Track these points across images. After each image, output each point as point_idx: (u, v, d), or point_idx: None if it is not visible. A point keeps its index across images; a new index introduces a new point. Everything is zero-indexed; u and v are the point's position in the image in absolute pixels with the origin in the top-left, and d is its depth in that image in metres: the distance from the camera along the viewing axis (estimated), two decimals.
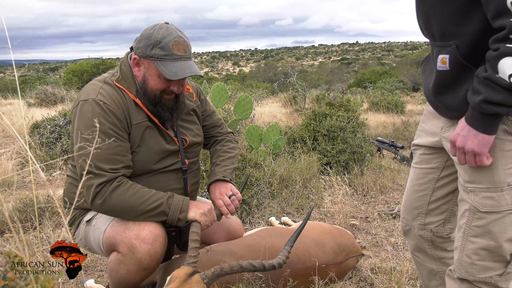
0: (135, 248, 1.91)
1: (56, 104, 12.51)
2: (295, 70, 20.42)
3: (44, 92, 13.19)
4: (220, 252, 2.28)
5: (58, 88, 14.23)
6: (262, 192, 4.00)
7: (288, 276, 2.24)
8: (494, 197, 1.47)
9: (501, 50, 1.25)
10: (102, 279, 2.84)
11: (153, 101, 2.03)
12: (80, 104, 1.96)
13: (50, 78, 31.84)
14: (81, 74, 21.15)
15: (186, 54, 1.98)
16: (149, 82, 2.00)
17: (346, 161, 5.02)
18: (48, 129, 6.46)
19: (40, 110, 10.37)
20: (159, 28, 1.96)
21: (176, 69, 1.93)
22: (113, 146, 1.92)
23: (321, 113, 5.70)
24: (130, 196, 1.90)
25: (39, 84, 16.21)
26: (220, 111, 6.16)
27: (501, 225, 1.48)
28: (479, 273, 1.55)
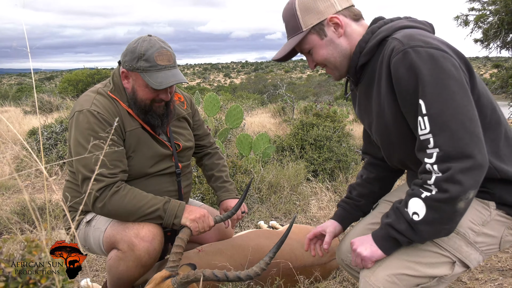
0: (135, 245, 1.95)
1: (52, 112, 12.45)
2: (284, 82, 20.56)
3: (40, 100, 13.13)
4: (211, 252, 2.33)
5: (54, 97, 14.16)
6: (252, 197, 4.06)
7: (275, 275, 2.30)
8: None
9: (414, 191, 1.40)
10: (97, 278, 2.87)
11: (143, 110, 2.08)
12: (76, 115, 2.02)
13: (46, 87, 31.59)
14: (76, 83, 21.03)
15: (170, 64, 2.03)
16: (138, 93, 2.06)
17: (331, 169, 5.10)
18: (44, 136, 6.46)
19: (36, 117, 10.32)
20: (142, 41, 2.01)
21: (161, 78, 1.98)
22: (110, 153, 1.97)
23: (309, 123, 5.79)
24: (128, 201, 1.96)
25: (36, 93, 16.10)
26: (212, 120, 6.21)
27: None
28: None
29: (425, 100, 1.33)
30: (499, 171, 1.44)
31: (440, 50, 1.35)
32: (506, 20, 7.23)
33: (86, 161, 1.94)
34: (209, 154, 2.61)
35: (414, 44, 1.36)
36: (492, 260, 3.05)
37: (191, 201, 2.63)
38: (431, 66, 1.32)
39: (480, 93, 1.45)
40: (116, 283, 2.10)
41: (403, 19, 1.57)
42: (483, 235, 1.51)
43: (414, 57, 1.34)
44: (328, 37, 1.58)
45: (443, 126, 1.30)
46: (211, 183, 2.57)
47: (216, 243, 2.44)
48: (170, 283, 1.77)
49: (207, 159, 2.60)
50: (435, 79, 1.31)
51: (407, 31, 1.44)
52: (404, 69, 1.36)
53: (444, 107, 1.30)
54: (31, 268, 0.67)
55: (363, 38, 1.56)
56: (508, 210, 1.50)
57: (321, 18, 1.55)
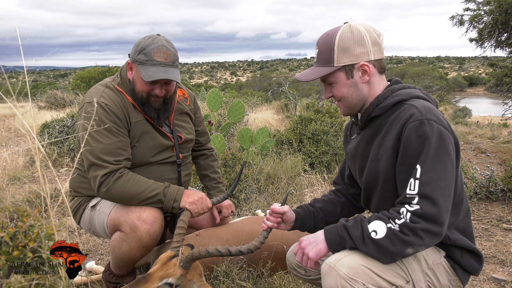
0: (137, 227, 2.02)
1: (64, 107, 12.57)
2: (287, 80, 20.53)
3: (54, 96, 13.25)
4: (208, 236, 2.38)
5: (67, 93, 14.28)
6: (250, 187, 4.11)
7: (266, 259, 2.34)
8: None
9: (383, 217, 1.53)
10: (102, 261, 2.94)
11: (140, 101, 2.15)
12: (85, 106, 2.10)
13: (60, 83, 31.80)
14: (88, 80, 21.20)
15: (166, 61, 2.06)
16: (136, 84, 2.13)
17: (328, 162, 5.14)
18: (56, 129, 6.54)
19: (50, 112, 10.43)
20: (148, 38, 2.09)
21: (152, 72, 2.03)
22: (115, 141, 2.05)
23: (307, 118, 5.82)
24: (130, 186, 2.03)
25: (50, 89, 16.25)
26: (215, 115, 6.27)
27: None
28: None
29: (423, 167, 1.46)
30: (451, 239, 1.61)
31: (447, 130, 1.49)
32: (500, 20, 7.20)
33: (93, 148, 2.01)
34: (205, 155, 2.69)
35: (430, 118, 1.49)
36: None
37: (190, 189, 2.68)
38: (438, 142, 1.46)
39: (459, 173, 1.61)
40: (119, 263, 2.17)
41: (417, 89, 1.69)
42: (432, 272, 1.62)
43: (427, 128, 1.47)
44: (354, 80, 1.66)
45: (429, 194, 1.44)
46: (205, 182, 2.67)
47: (213, 228, 2.49)
48: (176, 261, 1.83)
49: (203, 159, 2.68)
50: (437, 154, 1.46)
51: (424, 103, 1.57)
52: (416, 135, 1.49)
53: (435, 179, 1.45)
54: (21, 234, 0.73)
55: (382, 94, 1.67)
56: (453, 264, 1.65)
57: (354, 61, 1.63)
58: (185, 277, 1.84)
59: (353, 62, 1.63)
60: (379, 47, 1.65)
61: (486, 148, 7.88)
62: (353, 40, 1.62)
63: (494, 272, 2.71)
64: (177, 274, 1.81)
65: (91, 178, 2.05)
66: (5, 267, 0.70)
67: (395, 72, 50.05)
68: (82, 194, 2.30)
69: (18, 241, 0.72)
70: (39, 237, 0.73)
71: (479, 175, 4.37)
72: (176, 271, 1.81)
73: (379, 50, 1.65)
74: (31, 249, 0.72)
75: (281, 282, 2.23)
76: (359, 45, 1.62)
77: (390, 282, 1.54)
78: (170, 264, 1.83)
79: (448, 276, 1.64)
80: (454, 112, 21.95)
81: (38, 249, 0.73)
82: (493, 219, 3.71)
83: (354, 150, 1.84)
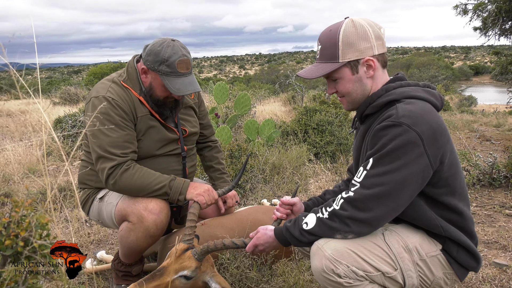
0: (144, 217, 2.03)
1: (78, 102, 12.66)
2: (295, 73, 20.44)
3: (68, 92, 13.35)
4: (213, 225, 2.38)
5: (80, 89, 14.38)
6: (256, 177, 4.10)
7: None
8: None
9: (317, 208, 1.62)
10: (112, 251, 2.96)
11: (157, 103, 2.18)
12: (92, 100, 2.10)
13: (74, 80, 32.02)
14: (101, 76, 21.30)
15: (188, 71, 2.10)
16: (156, 90, 2.14)
17: (333, 152, 5.11)
18: (69, 124, 6.59)
19: (64, 108, 10.52)
20: (166, 47, 2.05)
21: (180, 85, 2.06)
22: (122, 135, 2.06)
23: (312, 109, 5.78)
24: (137, 178, 2.03)
25: (64, 85, 16.38)
26: (222, 108, 6.25)
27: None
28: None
29: (374, 161, 1.48)
30: (444, 230, 1.59)
31: (419, 137, 1.43)
32: (504, 8, 7.04)
33: (101, 141, 2.02)
34: (209, 146, 2.69)
35: (403, 121, 1.44)
36: (479, 234, 3.05)
37: (195, 179, 2.69)
38: (397, 143, 1.43)
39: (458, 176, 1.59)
40: (127, 253, 2.18)
41: (419, 89, 1.63)
42: (424, 263, 1.60)
43: (393, 130, 1.45)
44: (359, 75, 1.63)
45: (369, 186, 1.47)
46: (209, 172, 2.67)
47: (218, 218, 2.49)
48: (191, 254, 1.84)
49: (207, 151, 2.68)
50: (390, 154, 1.45)
51: (412, 107, 1.50)
52: (379, 133, 1.49)
53: (381, 175, 1.45)
54: (14, 223, 0.73)
55: (377, 92, 1.64)
56: (449, 258, 1.62)
57: (359, 56, 1.59)
58: (199, 269, 1.85)
59: (358, 58, 1.59)
60: (381, 41, 1.62)
61: (491, 135, 7.78)
62: (357, 35, 1.57)
63: (496, 257, 2.68)
64: (192, 266, 1.82)
65: (99, 170, 2.06)
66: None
67: (401, 62, 49.50)
68: (90, 186, 2.31)
69: (11, 231, 0.72)
70: (30, 226, 0.73)
71: (482, 162, 4.31)
72: (191, 264, 1.82)
73: (382, 44, 1.62)
74: (23, 238, 0.72)
75: (284, 269, 2.22)
76: (364, 40, 1.58)
77: (376, 268, 1.53)
78: (185, 257, 1.83)
79: (444, 269, 1.62)
80: (460, 101, 21.69)
81: (30, 238, 0.73)
82: (496, 205, 3.66)
83: (355, 144, 1.84)
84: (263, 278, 2.25)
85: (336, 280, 1.50)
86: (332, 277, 1.51)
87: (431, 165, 1.46)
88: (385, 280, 1.55)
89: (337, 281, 1.50)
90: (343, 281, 1.50)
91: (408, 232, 1.64)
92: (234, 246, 1.83)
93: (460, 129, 8.63)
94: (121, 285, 2.31)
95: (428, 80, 28.13)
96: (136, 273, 2.32)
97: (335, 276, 1.50)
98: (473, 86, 52.43)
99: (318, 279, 1.58)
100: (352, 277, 1.50)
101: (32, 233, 0.73)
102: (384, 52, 1.65)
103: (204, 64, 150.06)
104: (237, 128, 6.74)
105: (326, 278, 1.52)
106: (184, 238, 1.92)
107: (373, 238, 1.58)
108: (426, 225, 1.60)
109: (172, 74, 2.05)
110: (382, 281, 1.55)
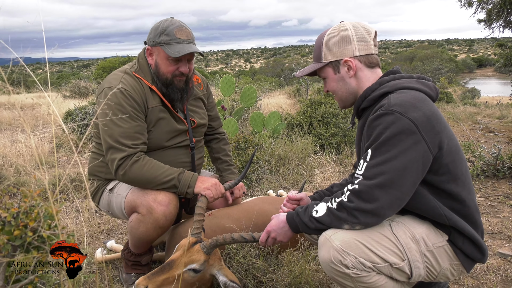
0: (153, 209, 2.02)
1: (87, 96, 12.68)
2: (299, 66, 20.33)
3: (77, 86, 13.37)
4: (220, 216, 2.37)
5: (90, 82, 14.40)
6: (262, 169, 4.09)
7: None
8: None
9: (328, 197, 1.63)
10: (121, 240, 2.96)
11: (165, 83, 2.14)
12: (105, 91, 2.08)
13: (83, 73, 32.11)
14: (110, 70, 21.31)
15: (188, 39, 2.08)
16: (161, 67, 2.11)
17: (337, 143, 5.07)
18: (79, 117, 6.60)
19: (74, 101, 10.54)
20: (164, 21, 2.09)
21: (179, 49, 2.04)
22: (133, 125, 2.04)
23: (317, 101, 5.74)
24: (147, 170, 2.02)
25: (73, 79, 16.41)
26: (228, 100, 6.22)
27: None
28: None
29: (373, 152, 1.48)
30: (448, 219, 1.57)
31: (413, 123, 1.43)
32: (509, 0, 6.91)
33: (112, 131, 2.00)
34: (217, 138, 2.67)
35: (395, 110, 1.45)
36: (483, 224, 3.01)
37: (203, 171, 2.68)
38: (392, 131, 1.44)
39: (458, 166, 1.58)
40: (137, 243, 2.18)
41: (413, 80, 1.64)
42: (431, 254, 1.58)
43: (386, 118, 1.46)
44: (340, 74, 1.71)
45: (371, 176, 1.46)
46: (217, 164, 2.64)
47: (224, 208, 2.48)
48: (199, 248, 1.82)
49: (215, 143, 2.66)
50: (387, 142, 1.45)
51: (404, 97, 1.51)
52: (374, 123, 1.50)
53: (381, 164, 1.45)
54: (23, 214, 0.71)
55: (371, 87, 1.66)
56: (455, 249, 1.60)
57: (339, 57, 1.68)
58: (208, 262, 1.84)
59: (338, 58, 1.68)
60: (365, 43, 1.66)
61: (495, 127, 7.69)
62: (338, 37, 1.66)
63: (501, 248, 2.65)
64: (201, 260, 1.81)
65: (108, 160, 2.04)
66: (7, 247, 0.69)
67: (405, 55, 49.07)
68: (100, 178, 2.30)
69: (20, 221, 0.71)
70: (39, 216, 0.72)
71: (486, 154, 4.26)
72: (200, 257, 1.81)
73: (365, 46, 1.66)
74: (32, 228, 0.71)
75: (290, 259, 2.21)
76: (344, 42, 1.66)
77: (384, 259, 1.51)
78: (194, 250, 1.82)
79: (450, 260, 1.61)
80: (463, 93, 21.46)
81: (39, 228, 0.71)
82: (500, 196, 3.62)
83: (355, 139, 1.86)
84: (270, 267, 2.24)
85: (344, 271, 1.49)
86: (340, 268, 1.49)
87: (430, 151, 1.46)
88: (392, 271, 1.53)
89: (344, 272, 1.49)
90: (350, 272, 1.48)
91: (415, 223, 1.61)
92: (242, 240, 1.81)
93: (463, 121, 8.54)
94: (131, 274, 2.31)
95: (431, 72, 27.84)
96: (145, 263, 2.32)
97: (343, 267, 1.49)
98: (476, 78, 51.90)
99: (326, 270, 1.56)
100: (359, 268, 1.49)
101: (41, 223, 0.72)
102: (370, 54, 1.68)
103: (210, 58, 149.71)
104: (243, 120, 6.71)
105: (333, 269, 1.51)
106: (192, 232, 1.91)
107: (381, 229, 1.56)
108: (430, 215, 1.58)
109: (172, 42, 2.05)
110: (389, 272, 1.53)
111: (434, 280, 1.64)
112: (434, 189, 1.56)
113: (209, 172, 2.73)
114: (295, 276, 2.11)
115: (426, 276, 1.60)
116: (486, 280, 2.28)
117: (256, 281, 2.15)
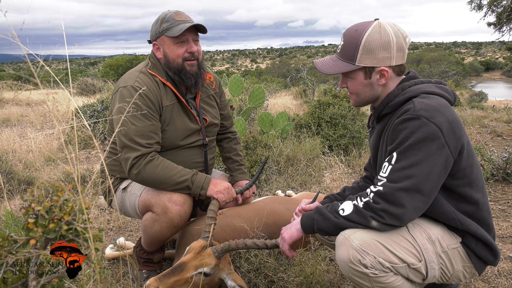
0: (168, 209, 2.02)
1: (95, 93, 12.74)
2: (306, 67, 20.32)
3: (85, 83, 13.42)
4: (230, 215, 2.38)
5: (97, 80, 14.46)
6: (270, 169, 4.09)
7: None
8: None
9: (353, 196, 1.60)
10: (131, 238, 2.98)
11: (177, 70, 2.15)
12: (120, 90, 2.09)
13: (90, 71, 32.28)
14: (117, 68, 21.41)
15: (188, 19, 2.12)
16: (169, 54, 2.13)
17: (346, 145, 5.07)
18: (88, 114, 6.64)
19: (81, 98, 10.60)
20: (162, 12, 2.15)
21: (180, 27, 2.07)
22: (148, 125, 2.05)
23: (325, 102, 5.73)
24: (160, 170, 2.02)
25: (81, 76, 16.48)
26: (237, 100, 6.23)
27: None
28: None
29: (398, 155, 1.48)
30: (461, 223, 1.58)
31: (439, 129, 1.44)
32: None
33: (127, 130, 2.01)
34: (229, 138, 2.67)
35: (421, 114, 1.45)
36: None
37: (214, 171, 2.68)
38: (418, 135, 1.44)
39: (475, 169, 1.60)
40: (150, 241, 2.19)
41: (432, 85, 1.63)
42: (446, 255, 1.59)
43: (412, 122, 1.46)
44: (371, 80, 1.64)
45: (396, 180, 1.46)
46: (228, 163, 2.65)
47: (235, 208, 2.49)
48: (211, 251, 1.83)
49: (226, 142, 2.66)
50: (414, 147, 1.44)
51: (428, 101, 1.51)
52: (399, 127, 1.49)
53: (407, 168, 1.45)
54: (57, 207, 0.73)
55: (392, 92, 1.63)
56: (468, 251, 1.61)
57: (375, 64, 1.59)
58: (218, 266, 1.85)
59: (375, 65, 1.59)
60: (403, 52, 1.61)
61: (502, 131, 7.64)
62: (380, 43, 1.56)
63: (511, 252, 2.64)
64: (212, 264, 1.81)
65: (122, 160, 2.05)
66: (42, 239, 0.70)
67: (412, 58, 48.85)
68: (113, 177, 2.31)
69: (54, 215, 0.72)
70: (74, 210, 0.73)
71: (496, 157, 4.24)
72: (211, 261, 1.81)
73: (402, 56, 1.61)
74: (66, 222, 0.72)
75: (301, 259, 2.22)
76: (384, 50, 1.57)
77: (402, 259, 1.52)
78: (205, 254, 1.83)
79: (463, 263, 1.61)
80: (470, 96, 21.33)
81: (73, 222, 0.73)
82: (510, 200, 3.60)
83: (371, 142, 1.84)
84: (281, 267, 2.25)
85: (362, 271, 1.49)
86: (359, 267, 1.50)
87: (452, 155, 1.47)
88: (409, 271, 1.53)
89: (363, 271, 1.49)
90: (369, 271, 1.49)
91: (430, 224, 1.62)
92: (255, 247, 1.82)
93: (470, 125, 8.50)
94: (143, 270, 2.32)
95: (438, 75, 27.72)
96: (157, 260, 2.33)
97: (362, 267, 1.49)
98: (484, 81, 51.54)
99: (343, 269, 1.56)
100: (378, 268, 1.49)
101: (76, 217, 0.73)
102: (402, 64, 1.64)
103: (216, 57, 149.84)
104: (250, 120, 6.72)
105: (351, 268, 1.51)
106: (204, 235, 1.92)
107: (399, 229, 1.56)
108: (443, 219, 1.59)
109: (172, 25, 2.08)
110: (406, 272, 1.53)
111: (447, 281, 1.64)
112: (449, 192, 1.57)
113: (219, 171, 2.74)
114: (306, 276, 2.11)
115: (440, 277, 1.60)
116: (497, 283, 2.27)
117: (267, 280, 2.16)
